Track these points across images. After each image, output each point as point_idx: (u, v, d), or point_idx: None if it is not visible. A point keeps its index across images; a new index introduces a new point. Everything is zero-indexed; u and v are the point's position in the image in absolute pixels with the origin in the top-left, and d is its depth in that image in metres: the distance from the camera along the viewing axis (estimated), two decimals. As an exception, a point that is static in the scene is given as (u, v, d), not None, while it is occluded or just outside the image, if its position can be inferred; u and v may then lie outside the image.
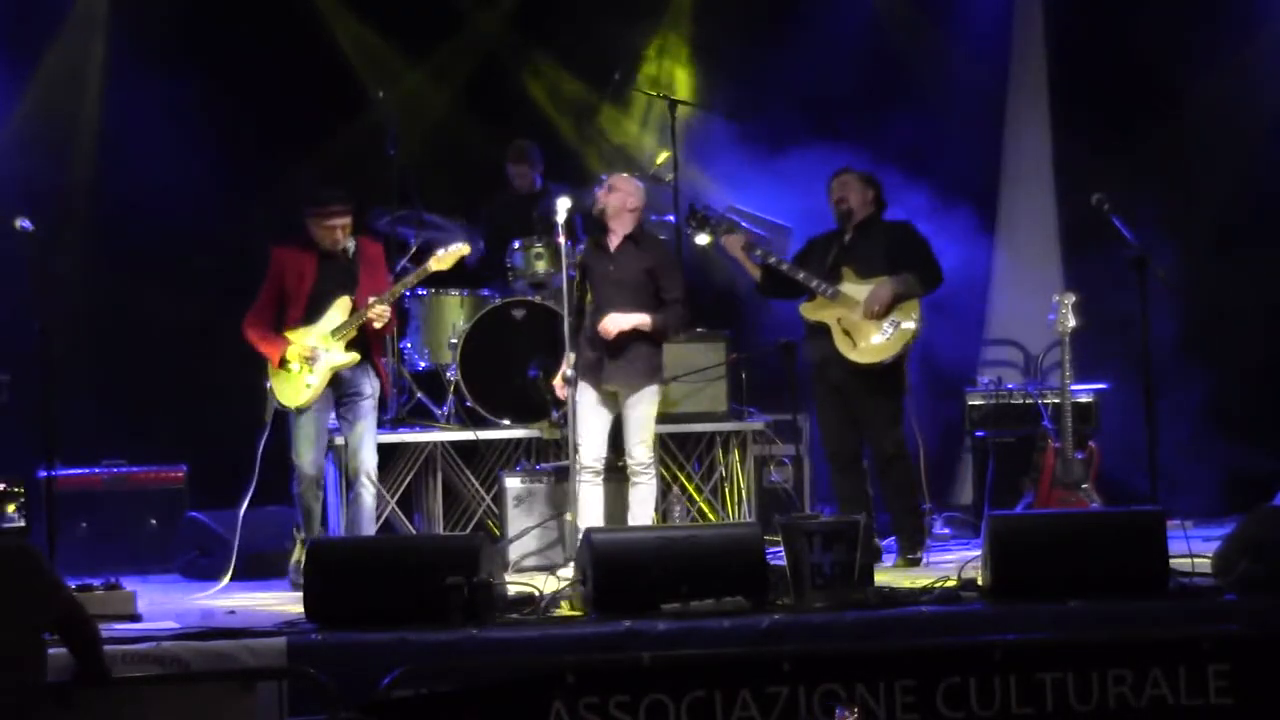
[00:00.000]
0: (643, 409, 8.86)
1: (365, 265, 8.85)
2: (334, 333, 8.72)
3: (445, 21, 11.61)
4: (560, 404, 9.11)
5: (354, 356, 8.72)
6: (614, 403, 8.87)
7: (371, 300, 8.68)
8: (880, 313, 8.96)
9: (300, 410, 8.75)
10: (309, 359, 8.70)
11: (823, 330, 9.09)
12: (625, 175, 9.13)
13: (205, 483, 10.11)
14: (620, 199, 8.86)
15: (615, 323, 8.75)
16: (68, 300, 10.36)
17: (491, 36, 11.71)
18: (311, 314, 8.77)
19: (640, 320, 8.78)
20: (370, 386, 8.85)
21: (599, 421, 8.82)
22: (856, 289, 9.04)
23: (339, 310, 8.74)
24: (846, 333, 9.03)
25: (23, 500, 9.06)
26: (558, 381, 8.85)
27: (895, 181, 9.71)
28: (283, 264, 8.82)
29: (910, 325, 8.98)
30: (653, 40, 11.75)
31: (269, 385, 8.88)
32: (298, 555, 8.68)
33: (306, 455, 8.78)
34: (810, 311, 9.16)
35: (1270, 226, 11.17)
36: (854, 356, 9.02)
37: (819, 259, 9.21)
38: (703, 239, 9.52)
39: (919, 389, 9.34)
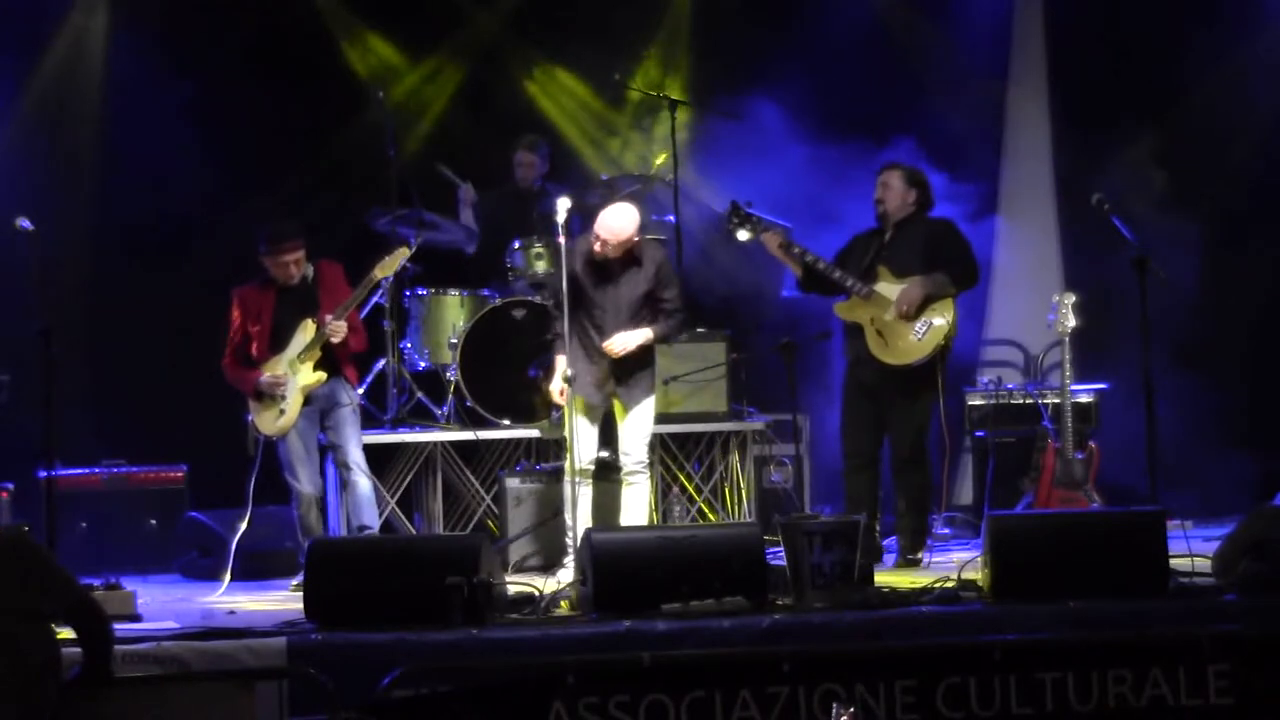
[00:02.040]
0: (644, 412, 8.86)
1: (324, 288, 8.99)
2: (300, 357, 8.87)
3: (445, 21, 11.61)
4: (556, 407, 9.09)
5: (320, 376, 8.87)
6: (603, 407, 8.85)
7: (328, 318, 8.81)
8: (911, 313, 8.93)
9: (283, 435, 8.89)
10: (278, 386, 8.84)
11: (857, 330, 9.08)
12: (624, 208, 8.70)
13: (205, 483, 10.12)
14: (628, 237, 8.61)
15: (622, 343, 8.70)
16: (68, 300, 10.36)
17: (491, 36, 11.71)
18: (277, 344, 8.93)
19: (645, 336, 8.76)
20: (347, 396, 9.02)
21: (591, 426, 8.79)
22: (891, 288, 8.99)
23: (303, 334, 8.90)
24: (879, 333, 8.99)
25: None
26: (555, 386, 8.75)
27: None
28: (242, 305, 9.01)
29: (942, 326, 8.92)
30: (653, 40, 11.75)
31: (250, 419, 9.02)
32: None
33: (301, 474, 8.93)
34: (844, 311, 9.14)
35: (1271, 226, 11.17)
36: (885, 357, 8.98)
37: (859, 257, 9.17)
38: (744, 235, 9.42)
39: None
